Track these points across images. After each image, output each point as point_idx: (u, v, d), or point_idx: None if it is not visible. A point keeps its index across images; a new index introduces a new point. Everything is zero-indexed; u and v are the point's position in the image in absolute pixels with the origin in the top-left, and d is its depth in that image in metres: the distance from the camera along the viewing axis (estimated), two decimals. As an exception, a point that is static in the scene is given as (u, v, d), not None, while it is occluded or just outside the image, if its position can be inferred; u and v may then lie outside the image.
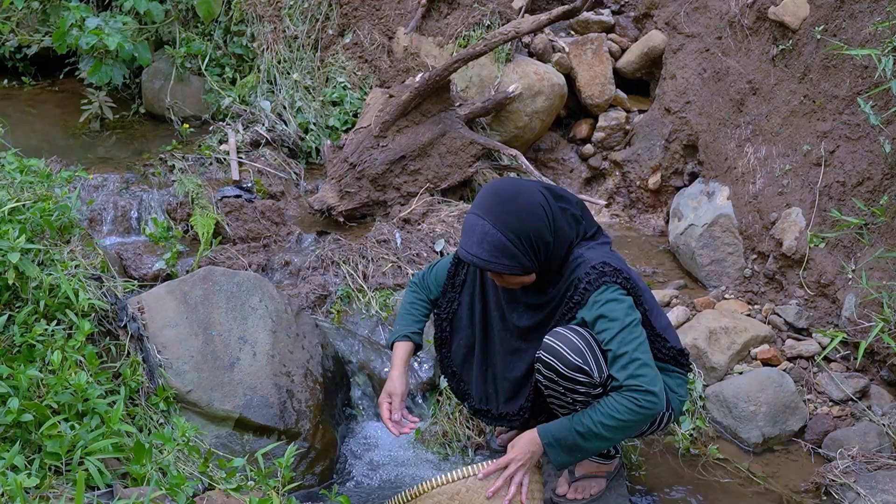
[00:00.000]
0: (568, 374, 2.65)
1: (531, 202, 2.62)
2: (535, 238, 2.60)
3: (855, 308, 3.82)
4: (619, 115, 5.77)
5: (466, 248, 2.61)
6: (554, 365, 2.65)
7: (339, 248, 4.25)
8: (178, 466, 2.79)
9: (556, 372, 2.66)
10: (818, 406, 3.78)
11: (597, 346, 2.67)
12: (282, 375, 3.32)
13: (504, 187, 2.68)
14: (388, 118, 4.64)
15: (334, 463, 3.38)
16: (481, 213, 2.61)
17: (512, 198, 2.61)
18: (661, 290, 4.59)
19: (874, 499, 3.14)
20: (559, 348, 2.64)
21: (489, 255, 2.58)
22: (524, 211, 2.60)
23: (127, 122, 5.60)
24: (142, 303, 3.32)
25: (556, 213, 2.66)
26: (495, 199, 2.62)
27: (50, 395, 2.62)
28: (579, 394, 2.68)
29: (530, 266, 2.63)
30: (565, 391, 2.69)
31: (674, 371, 2.91)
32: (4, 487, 2.12)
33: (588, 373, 2.64)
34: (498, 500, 2.57)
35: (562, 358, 2.64)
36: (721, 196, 4.75)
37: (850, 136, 4.00)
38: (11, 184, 3.41)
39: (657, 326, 2.82)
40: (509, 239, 2.57)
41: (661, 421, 2.89)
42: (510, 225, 2.57)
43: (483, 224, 2.59)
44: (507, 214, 2.58)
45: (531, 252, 2.61)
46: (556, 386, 2.70)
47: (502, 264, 2.59)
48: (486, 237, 2.57)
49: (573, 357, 2.63)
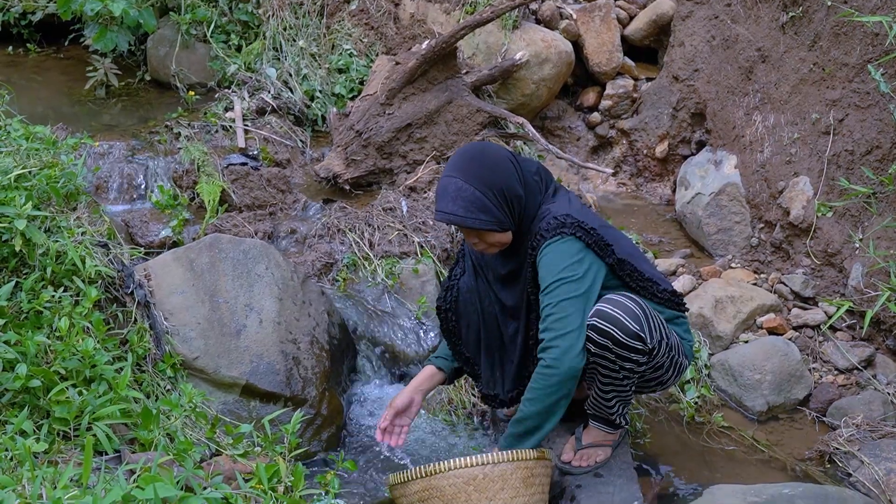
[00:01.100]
0: (625, 342, 2.64)
1: (499, 156, 2.72)
2: (507, 190, 2.67)
3: (862, 277, 3.81)
4: (626, 82, 5.74)
5: (442, 208, 2.66)
6: (610, 331, 2.63)
7: (345, 216, 4.24)
8: (186, 432, 2.81)
9: (611, 339, 2.64)
10: (823, 375, 3.79)
11: (650, 310, 2.72)
12: (288, 343, 3.33)
13: (471, 147, 2.79)
14: (395, 85, 4.62)
15: (340, 430, 3.40)
16: (452, 173, 2.68)
17: (480, 154, 2.71)
18: (667, 258, 4.59)
19: (878, 467, 3.16)
20: (616, 314, 2.64)
21: (465, 210, 2.63)
22: (494, 165, 2.68)
23: (132, 89, 5.57)
24: (148, 270, 3.33)
25: (523, 167, 2.76)
26: (464, 158, 2.70)
27: (57, 362, 2.64)
28: (631, 362, 2.69)
29: (505, 221, 2.68)
30: (616, 359, 2.68)
31: (676, 316, 2.94)
32: (13, 452, 2.14)
33: (644, 340, 2.66)
34: (510, 491, 2.58)
35: (619, 324, 2.63)
36: (728, 165, 4.73)
37: (860, 104, 3.97)
38: (17, 151, 3.40)
39: (644, 272, 2.83)
40: (483, 192, 2.63)
41: (679, 369, 2.92)
42: (482, 179, 2.64)
43: (455, 182, 2.65)
44: (477, 169, 2.66)
45: (505, 205, 2.67)
46: (608, 354, 2.68)
47: (479, 219, 2.63)
48: (460, 193, 2.63)
49: (631, 323, 2.64)
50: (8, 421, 2.41)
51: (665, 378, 2.91)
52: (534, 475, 2.64)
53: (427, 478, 2.57)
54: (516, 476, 2.58)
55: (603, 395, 2.83)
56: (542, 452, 2.68)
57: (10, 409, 2.50)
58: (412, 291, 3.92)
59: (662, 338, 2.74)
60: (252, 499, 2.29)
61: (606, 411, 2.90)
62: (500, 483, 2.55)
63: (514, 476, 2.58)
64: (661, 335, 2.74)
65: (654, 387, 2.96)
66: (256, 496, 2.30)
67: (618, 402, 2.87)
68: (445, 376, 3.11)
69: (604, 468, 2.95)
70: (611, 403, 2.86)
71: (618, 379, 2.75)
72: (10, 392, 2.51)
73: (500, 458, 2.58)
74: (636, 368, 2.73)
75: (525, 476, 2.60)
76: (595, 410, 2.93)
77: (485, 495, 2.54)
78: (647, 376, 2.84)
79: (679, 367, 2.92)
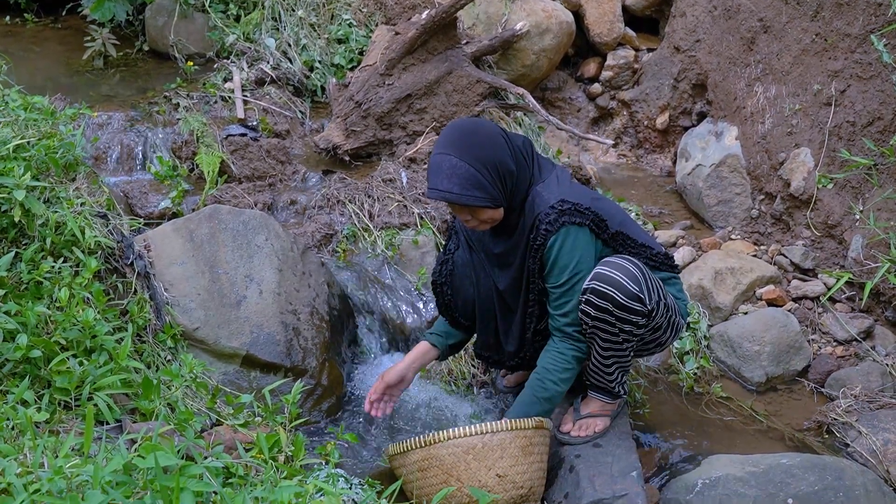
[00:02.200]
0: (625, 304, 2.66)
1: (492, 132, 2.70)
2: (500, 166, 2.66)
3: (862, 249, 3.81)
4: (627, 53, 5.71)
5: (435, 185, 2.64)
6: (611, 294, 2.65)
7: (345, 187, 4.23)
8: (186, 402, 2.82)
9: (612, 301, 2.66)
10: (822, 346, 3.80)
11: (648, 271, 2.74)
12: (288, 313, 3.33)
13: (463, 123, 2.77)
14: (394, 56, 4.59)
15: (341, 400, 3.42)
16: (446, 150, 2.65)
17: (473, 130, 2.68)
18: (667, 230, 4.58)
19: (875, 437, 3.17)
20: (616, 276, 2.66)
21: (460, 187, 2.61)
22: (487, 140, 2.66)
23: (130, 59, 5.54)
24: (148, 241, 3.33)
25: (514, 142, 2.75)
26: (458, 134, 2.67)
27: (58, 332, 2.64)
28: (630, 324, 2.71)
29: (499, 197, 2.67)
30: (616, 321, 2.70)
31: (670, 277, 2.97)
32: (15, 421, 2.15)
33: (644, 301, 2.68)
34: (509, 460, 2.59)
35: (619, 286, 2.65)
36: (729, 136, 4.72)
37: (862, 74, 3.95)
38: (16, 121, 3.39)
39: (638, 238, 2.86)
40: (477, 169, 2.61)
41: (676, 329, 2.95)
42: (476, 155, 2.62)
43: (449, 159, 2.62)
44: (471, 146, 2.63)
45: (498, 182, 2.66)
46: (609, 317, 2.69)
47: (473, 196, 2.62)
48: (454, 170, 2.61)
49: (631, 285, 2.66)
50: (9, 391, 2.42)
51: (663, 339, 2.93)
52: (532, 444, 2.65)
53: (426, 447, 2.59)
54: (515, 445, 2.60)
55: (603, 361, 2.84)
56: (541, 422, 2.69)
57: (10, 379, 2.51)
58: (412, 262, 3.92)
59: (660, 298, 2.77)
60: (253, 468, 2.30)
61: (606, 379, 2.91)
62: (498, 452, 2.57)
63: (512, 445, 2.59)
64: (658, 296, 2.76)
65: (654, 349, 2.98)
66: (257, 465, 2.31)
67: (617, 368, 2.88)
68: (439, 353, 3.12)
69: (602, 438, 2.97)
70: (610, 370, 2.87)
71: (617, 343, 2.76)
72: (10, 362, 2.52)
73: (498, 427, 2.59)
74: (635, 331, 2.74)
75: (524, 445, 2.61)
76: (594, 380, 2.94)
77: (484, 464, 2.55)
78: (646, 338, 2.86)
79: (676, 327, 2.95)
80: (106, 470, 1.69)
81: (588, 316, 2.72)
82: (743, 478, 2.77)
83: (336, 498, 1.89)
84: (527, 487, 2.62)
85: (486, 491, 2.49)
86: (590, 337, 2.79)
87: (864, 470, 2.88)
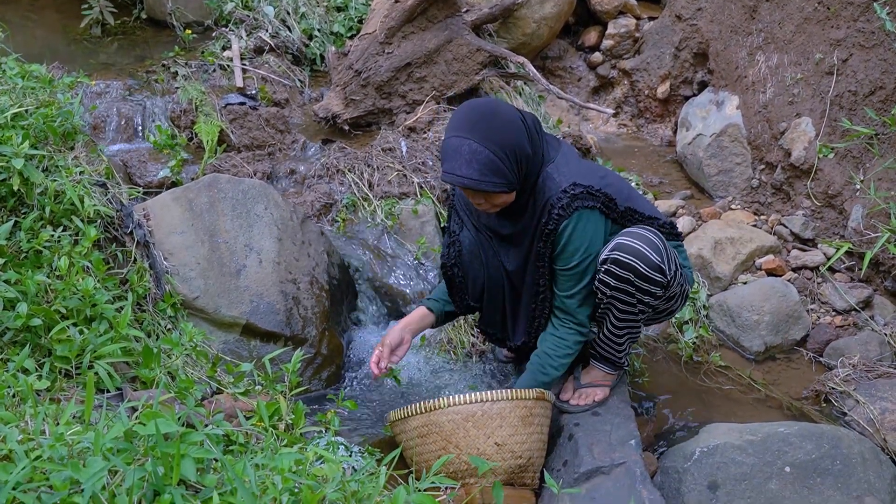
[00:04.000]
0: (648, 274, 2.65)
1: (511, 116, 2.59)
2: (518, 151, 2.57)
3: (862, 219, 3.81)
4: (628, 22, 5.67)
5: (454, 170, 2.54)
6: (633, 264, 2.64)
7: (345, 157, 4.22)
8: (187, 371, 2.83)
9: (634, 272, 2.65)
10: (821, 316, 3.81)
11: (665, 241, 2.73)
12: (288, 283, 3.34)
13: (481, 105, 2.63)
14: (394, 24, 4.56)
15: (340, 369, 3.43)
16: (465, 133, 2.54)
17: (493, 113, 2.57)
18: (667, 200, 4.58)
19: (872, 406, 3.18)
20: (640, 247, 2.65)
21: (479, 174, 2.52)
22: (508, 124, 2.56)
23: (128, 27, 5.51)
24: (147, 210, 3.32)
25: (530, 124, 2.66)
26: (477, 116, 2.56)
27: (58, 301, 2.64)
28: (649, 294, 2.71)
29: (515, 182, 2.61)
30: (636, 292, 2.69)
31: (676, 246, 2.96)
32: (16, 389, 2.15)
33: (664, 272, 2.68)
34: (508, 429, 2.60)
35: (642, 256, 2.64)
36: (730, 106, 4.70)
37: (864, 43, 3.93)
38: (13, 89, 3.37)
39: (645, 211, 2.84)
40: (497, 155, 2.53)
41: (685, 298, 2.96)
42: (496, 140, 2.53)
43: (469, 143, 2.52)
44: (491, 131, 2.53)
45: (515, 166, 2.58)
46: (629, 287, 2.68)
47: (492, 182, 2.54)
48: (475, 156, 2.51)
49: (653, 255, 2.65)
50: (10, 359, 2.43)
51: (675, 307, 2.94)
52: (533, 415, 2.66)
53: (426, 413, 2.60)
54: (515, 414, 2.61)
55: (616, 332, 2.85)
56: (542, 393, 2.70)
57: (11, 347, 2.51)
58: (412, 232, 3.92)
59: (676, 267, 2.78)
60: (253, 436, 2.32)
61: (615, 349, 2.92)
62: (498, 420, 2.58)
63: (512, 414, 2.60)
64: (675, 265, 2.77)
65: (664, 318, 3.00)
66: (257, 433, 2.32)
67: (628, 338, 2.89)
68: (435, 318, 3.11)
69: (602, 407, 2.98)
70: (622, 340, 2.88)
71: (632, 314, 2.77)
72: (11, 331, 2.52)
73: (498, 396, 2.60)
74: (652, 302, 2.75)
75: (524, 415, 2.62)
76: (603, 350, 2.94)
77: (483, 432, 2.56)
78: (660, 307, 2.87)
79: (685, 296, 2.96)
80: (107, 437, 1.70)
81: (607, 286, 2.71)
82: (741, 446, 2.78)
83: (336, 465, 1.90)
84: (525, 457, 2.63)
85: (485, 459, 2.51)
86: (605, 308, 2.79)
87: (861, 438, 2.90)
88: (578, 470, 2.70)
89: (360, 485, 1.91)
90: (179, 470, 1.66)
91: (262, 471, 1.86)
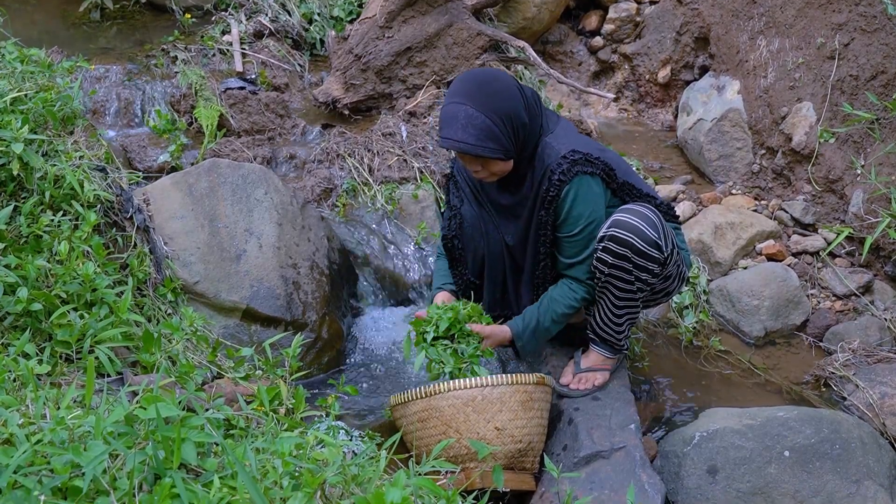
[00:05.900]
0: (645, 250, 2.66)
1: (508, 83, 2.67)
2: (514, 118, 2.63)
3: (862, 204, 3.80)
4: (629, 6, 5.65)
5: (450, 135, 2.61)
6: (630, 240, 2.65)
7: (345, 141, 4.21)
8: (187, 355, 2.83)
9: (631, 248, 2.65)
10: (821, 301, 3.81)
11: (662, 218, 2.74)
12: (288, 267, 3.34)
13: (480, 73, 2.71)
14: (394, 8, 4.54)
15: (341, 353, 3.43)
16: (462, 99, 2.61)
17: (490, 81, 2.64)
18: (668, 185, 4.57)
19: (872, 391, 3.19)
20: (636, 223, 2.65)
21: (475, 139, 2.58)
22: (504, 92, 2.63)
23: (127, 12, 5.48)
24: (147, 194, 3.32)
25: (528, 94, 2.72)
26: (474, 84, 2.63)
27: (58, 285, 2.64)
28: (647, 272, 2.71)
29: (511, 149, 2.66)
30: (634, 269, 2.69)
31: (673, 227, 2.97)
32: (16, 373, 2.16)
33: (661, 248, 2.68)
34: (509, 413, 2.60)
35: (639, 232, 2.65)
36: (731, 90, 4.68)
37: (866, 28, 3.91)
38: (12, 74, 3.36)
39: (643, 189, 2.87)
40: (493, 120, 2.59)
41: (682, 279, 2.97)
42: (492, 106, 2.59)
43: (466, 109, 2.59)
44: (487, 97, 2.60)
45: (512, 133, 2.64)
46: (627, 264, 2.69)
47: (488, 147, 2.60)
48: (470, 121, 2.58)
49: (650, 231, 2.66)
50: (10, 343, 2.43)
51: (671, 288, 2.94)
52: (532, 399, 2.66)
53: (427, 398, 2.60)
54: (515, 399, 2.61)
55: (615, 312, 2.85)
56: (542, 378, 2.70)
57: (12, 332, 2.51)
58: (412, 217, 3.92)
59: (673, 246, 2.78)
60: (254, 420, 2.32)
61: (614, 331, 2.92)
62: (498, 405, 2.58)
63: (512, 399, 2.61)
64: (672, 243, 2.78)
65: (661, 298, 3.00)
66: (258, 418, 2.32)
67: (627, 319, 2.89)
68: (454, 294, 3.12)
69: (601, 391, 2.98)
70: (621, 321, 2.88)
71: (631, 293, 2.77)
72: (11, 315, 2.52)
73: (498, 380, 2.60)
74: (650, 280, 2.75)
75: (524, 400, 2.63)
76: (603, 333, 2.94)
77: (483, 416, 2.57)
78: (656, 288, 2.88)
79: (682, 277, 2.97)
80: (108, 421, 1.70)
81: (605, 264, 2.72)
82: (740, 430, 2.79)
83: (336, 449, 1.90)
84: (525, 442, 2.63)
85: (485, 443, 2.51)
86: (603, 287, 2.79)
87: (860, 423, 2.90)
88: (578, 454, 2.71)
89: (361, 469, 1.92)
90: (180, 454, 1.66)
91: (262, 455, 1.87)
